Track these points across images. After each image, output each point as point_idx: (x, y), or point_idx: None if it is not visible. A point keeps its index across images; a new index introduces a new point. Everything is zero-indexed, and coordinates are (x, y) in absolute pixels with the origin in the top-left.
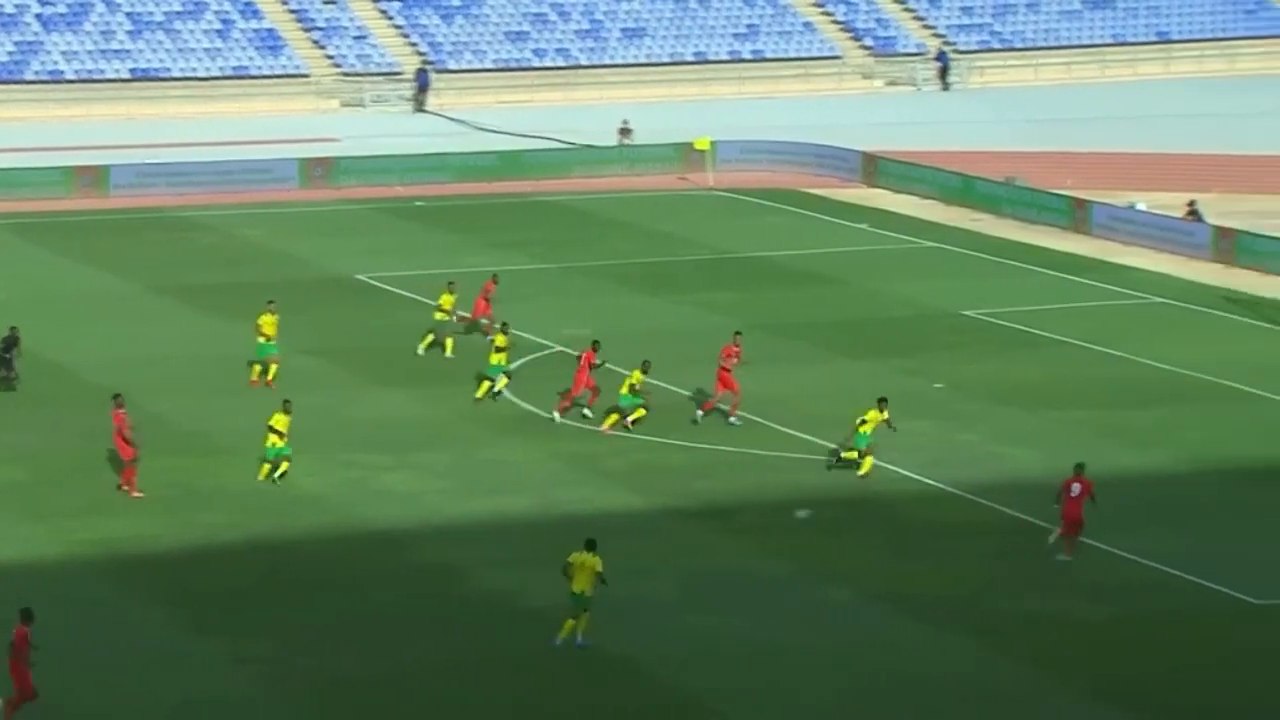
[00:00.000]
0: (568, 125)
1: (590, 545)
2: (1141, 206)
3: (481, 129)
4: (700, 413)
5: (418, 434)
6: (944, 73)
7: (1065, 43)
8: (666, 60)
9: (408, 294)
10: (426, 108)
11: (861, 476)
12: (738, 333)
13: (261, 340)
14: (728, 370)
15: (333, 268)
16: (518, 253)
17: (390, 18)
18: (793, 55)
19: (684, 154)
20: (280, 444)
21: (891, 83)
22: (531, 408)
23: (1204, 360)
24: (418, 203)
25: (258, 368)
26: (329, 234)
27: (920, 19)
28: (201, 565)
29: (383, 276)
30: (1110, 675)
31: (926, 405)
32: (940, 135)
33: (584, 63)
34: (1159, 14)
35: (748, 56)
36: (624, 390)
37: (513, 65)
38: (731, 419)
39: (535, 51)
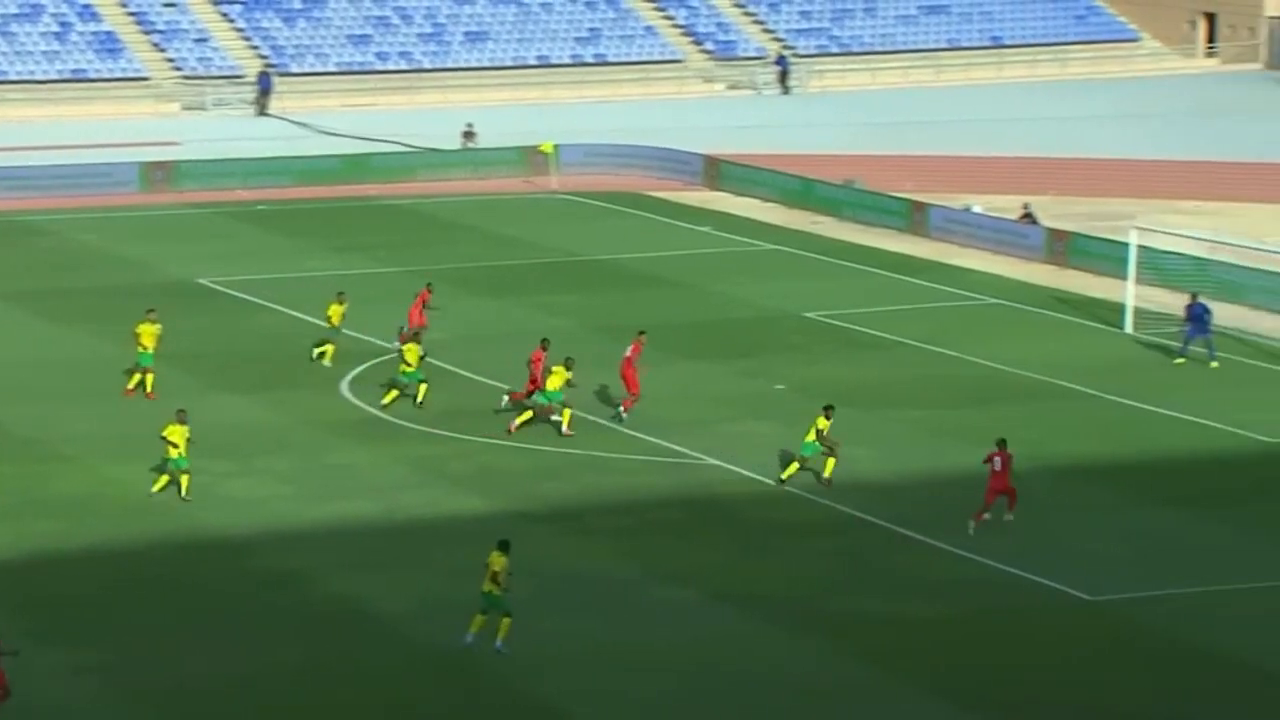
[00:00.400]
0: (411, 129)
1: (502, 546)
2: (977, 209)
3: (324, 132)
4: (623, 411)
5: (261, 439)
6: (783, 76)
7: (901, 47)
8: (509, 64)
9: (250, 298)
10: (269, 111)
11: (827, 479)
12: (641, 332)
13: (140, 350)
14: (633, 366)
15: (174, 272)
16: (361, 256)
17: (231, 20)
18: (634, 59)
19: (528, 157)
20: (178, 455)
21: (732, 86)
22: (375, 412)
23: (1037, 360)
24: (260, 206)
25: (136, 377)
26: (170, 238)
27: (760, 23)
28: (39, 573)
29: (225, 281)
30: (948, 672)
31: (768, 407)
32: (781, 138)
33: (427, 66)
34: (992, 19)
35: (590, 60)
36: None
37: (355, 68)
38: (623, 414)
39: (378, 55)
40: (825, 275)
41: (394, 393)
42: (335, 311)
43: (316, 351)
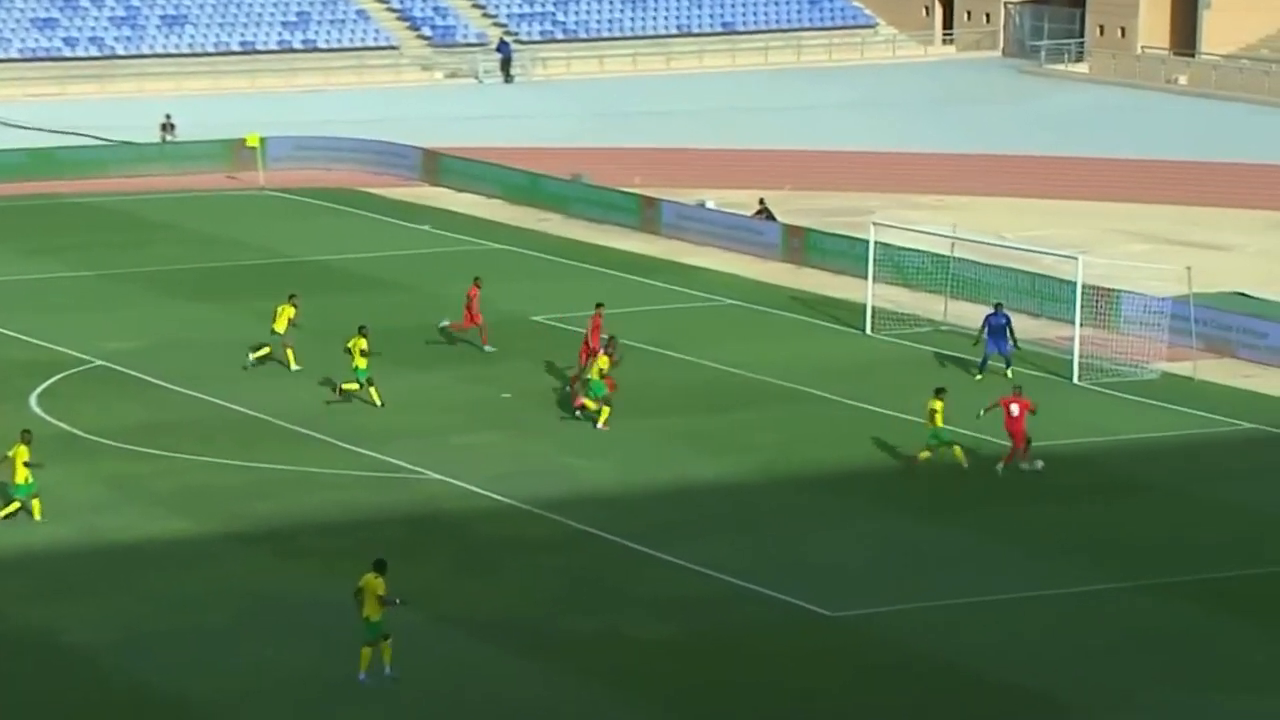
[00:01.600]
0: (104, 120)
1: (378, 566)
2: (711, 205)
3: (8, 124)
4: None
5: None
6: (506, 64)
7: (630, 33)
8: (211, 50)
9: None
10: None
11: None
12: (599, 304)
13: None
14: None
15: None
16: (52, 260)
17: None
18: (346, 45)
19: (232, 151)
20: (25, 479)
21: (452, 74)
22: (69, 428)
23: (774, 363)
24: None
25: None
26: None
27: (480, 7)
28: None
29: None
30: (684, 694)
31: (494, 416)
32: (504, 130)
33: (120, 52)
34: (724, 4)
35: (298, 46)
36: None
37: (41, 55)
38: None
39: (66, 40)
40: (553, 276)
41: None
42: (287, 312)
43: (254, 356)
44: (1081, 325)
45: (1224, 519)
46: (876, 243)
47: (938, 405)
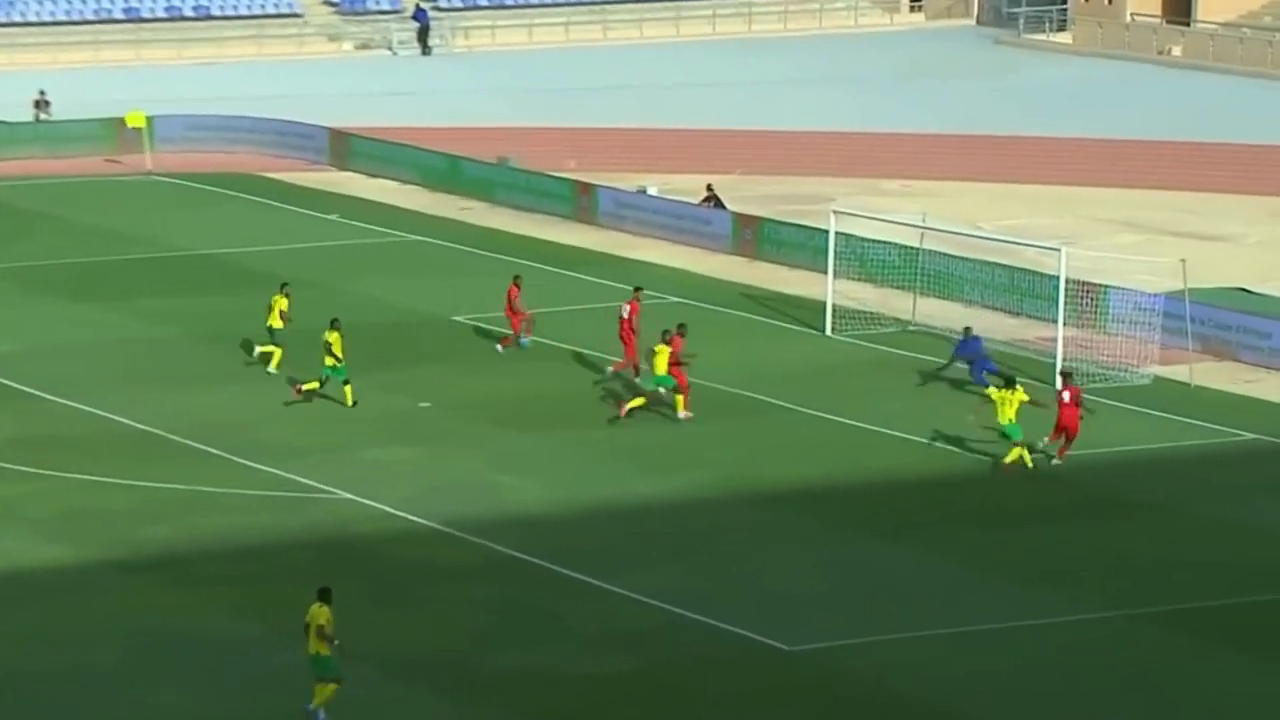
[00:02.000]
0: None
1: (323, 595)
2: (653, 191)
3: None
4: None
5: None
6: (424, 34)
7: (562, 1)
8: (91, 18)
9: None
10: None
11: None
12: (638, 288)
13: None
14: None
15: None
16: None
17: None
18: (243, 13)
19: (115, 131)
20: None
21: (363, 46)
22: None
23: (724, 368)
24: None
25: None
26: None
27: None
28: None
29: None
30: None
31: (412, 428)
32: (422, 108)
33: None
34: None
35: (190, 14)
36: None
37: None
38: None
39: None
40: (476, 271)
41: (315, 384)
42: (281, 303)
43: (259, 352)
44: (1065, 325)
45: (1222, 541)
46: (837, 233)
47: (1009, 396)
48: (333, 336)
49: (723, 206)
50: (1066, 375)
